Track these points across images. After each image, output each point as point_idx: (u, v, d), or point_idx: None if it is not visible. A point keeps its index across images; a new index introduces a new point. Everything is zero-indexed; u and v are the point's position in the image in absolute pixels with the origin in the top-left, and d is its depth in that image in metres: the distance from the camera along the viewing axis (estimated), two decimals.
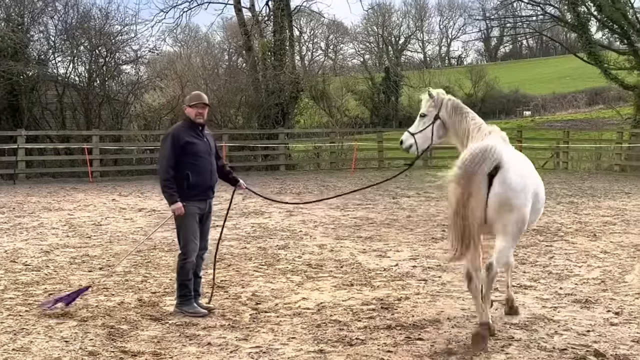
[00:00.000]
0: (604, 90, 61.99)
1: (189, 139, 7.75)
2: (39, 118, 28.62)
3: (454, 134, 7.83)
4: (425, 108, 7.84)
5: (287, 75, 32.89)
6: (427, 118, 7.82)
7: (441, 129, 7.84)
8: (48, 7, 29.82)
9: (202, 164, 7.80)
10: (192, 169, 7.71)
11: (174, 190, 7.67)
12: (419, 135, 7.86)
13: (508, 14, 48.38)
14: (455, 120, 7.74)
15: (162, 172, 7.74)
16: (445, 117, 7.78)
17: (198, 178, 7.76)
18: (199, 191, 7.82)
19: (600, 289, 8.85)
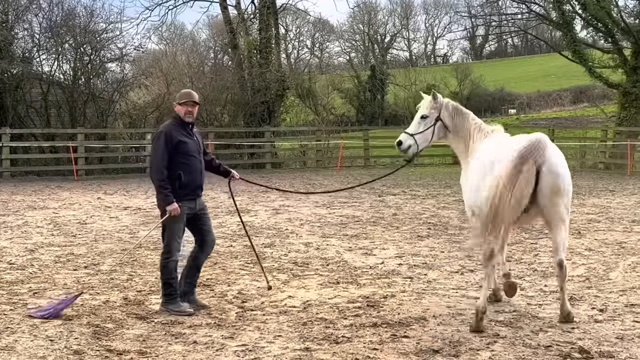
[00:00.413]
0: (588, 88, 62.32)
1: (181, 138, 7.73)
2: (24, 116, 28.47)
3: (455, 134, 8.13)
4: (427, 110, 8.07)
5: (273, 74, 32.87)
6: (428, 119, 8.05)
7: (442, 130, 8.13)
8: (33, 5, 29.67)
9: (193, 163, 7.79)
10: (183, 169, 7.69)
11: (170, 190, 7.63)
12: (419, 136, 8.07)
13: (493, 12, 48.43)
14: (457, 122, 8.08)
15: (156, 172, 7.67)
16: (446, 119, 8.05)
17: (189, 177, 7.75)
18: (190, 190, 7.80)
19: (585, 286, 8.90)
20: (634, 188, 21.05)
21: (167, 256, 7.78)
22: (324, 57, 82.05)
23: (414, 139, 8.06)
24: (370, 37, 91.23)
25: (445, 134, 8.14)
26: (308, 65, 68.84)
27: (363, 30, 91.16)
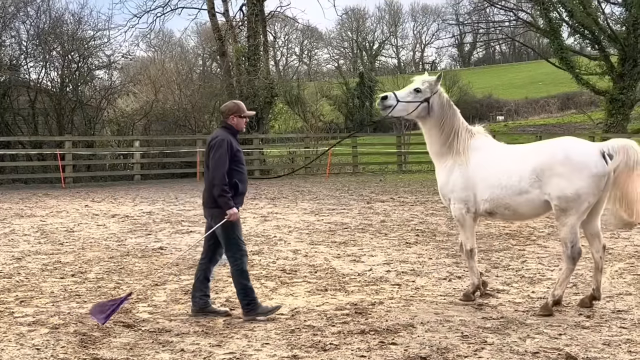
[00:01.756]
0: (575, 95, 62.67)
1: (238, 147, 7.94)
2: (11, 124, 28.34)
3: (437, 124, 8.45)
4: (423, 86, 8.37)
5: (262, 81, 32.89)
6: (419, 95, 8.36)
7: (424, 111, 8.43)
8: (20, 12, 29.59)
9: (245, 172, 8.02)
10: (239, 177, 7.87)
11: (230, 195, 7.74)
12: (403, 103, 8.38)
13: (481, 19, 48.69)
14: (447, 114, 8.42)
15: (220, 177, 7.69)
16: (435, 105, 8.38)
17: (243, 186, 7.94)
18: (241, 199, 8.04)
19: (572, 292, 8.92)
20: None
21: (239, 260, 7.83)
22: (312, 64, 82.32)
23: (398, 102, 8.36)
24: (359, 44, 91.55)
25: (425, 116, 8.44)
26: (296, 72, 68.98)
27: (351, 37, 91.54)
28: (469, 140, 8.36)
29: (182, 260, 11.14)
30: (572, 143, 8.01)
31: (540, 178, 7.85)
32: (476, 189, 8.25)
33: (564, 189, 7.71)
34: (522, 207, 8.06)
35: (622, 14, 32.28)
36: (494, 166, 8.19)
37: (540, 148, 8.15)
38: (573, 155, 7.77)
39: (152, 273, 10.24)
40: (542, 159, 7.88)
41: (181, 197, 21.08)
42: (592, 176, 7.70)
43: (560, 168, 7.74)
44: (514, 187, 7.97)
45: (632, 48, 30.54)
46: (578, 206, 7.76)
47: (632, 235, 13.45)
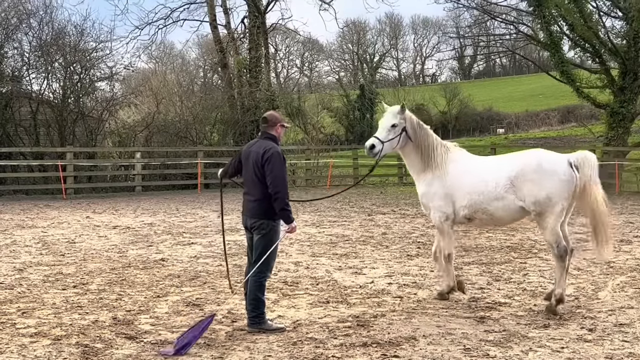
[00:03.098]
0: (576, 108, 62.73)
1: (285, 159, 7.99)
2: (13, 135, 28.37)
3: (416, 146, 9.07)
4: (397, 119, 8.92)
5: (263, 92, 32.94)
6: (397, 128, 8.94)
7: (405, 140, 9.01)
8: (23, 24, 29.66)
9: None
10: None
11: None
12: (387, 143, 8.94)
13: (481, 32, 48.83)
14: (422, 135, 9.02)
15: (285, 190, 7.72)
16: (410, 131, 8.98)
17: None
18: None
19: (574, 305, 8.92)
20: (622, 207, 21.14)
21: (265, 275, 7.86)
22: (313, 76, 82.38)
23: (383, 145, 8.92)
24: (360, 56, 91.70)
25: (406, 143, 9.03)
26: (297, 84, 69.04)
27: (352, 49, 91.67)
28: (445, 154, 9.05)
29: (183, 272, 11.15)
30: (543, 153, 8.90)
31: (514, 184, 8.59)
32: (455, 197, 8.92)
33: (537, 193, 8.48)
34: (499, 211, 8.76)
35: (623, 28, 32.30)
36: (471, 175, 8.91)
37: (513, 158, 8.96)
38: (544, 163, 8.62)
39: (153, 284, 10.24)
40: (515, 168, 8.65)
41: (182, 208, 21.08)
42: (561, 181, 8.52)
43: (532, 175, 8.54)
44: (490, 193, 8.68)
45: (632, 61, 30.56)
46: (552, 208, 8.51)
47: (633, 248, 13.46)
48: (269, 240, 7.81)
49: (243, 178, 8.09)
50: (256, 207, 7.82)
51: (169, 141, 31.46)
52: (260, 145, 7.92)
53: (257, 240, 7.83)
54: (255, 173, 7.82)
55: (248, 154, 7.97)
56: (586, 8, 31.72)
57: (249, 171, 7.90)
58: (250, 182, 7.89)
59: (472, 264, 11.97)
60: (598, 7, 33.23)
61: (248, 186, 7.94)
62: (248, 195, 7.93)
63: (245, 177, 8.01)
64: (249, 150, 8.00)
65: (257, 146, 7.96)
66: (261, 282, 7.82)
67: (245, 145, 8.40)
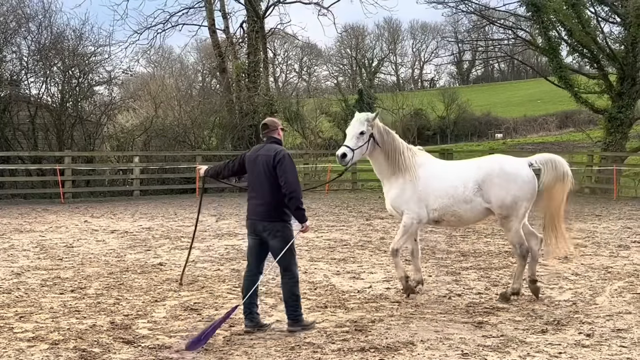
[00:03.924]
0: (574, 113, 62.77)
1: None
2: (11, 139, 28.33)
3: (384, 151, 9.46)
4: (365, 127, 9.27)
5: (261, 97, 32.93)
6: (365, 135, 9.26)
7: (372, 146, 9.39)
8: (21, 28, 29.63)
9: None
10: None
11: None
12: (358, 150, 9.29)
13: (480, 37, 48.83)
14: (388, 140, 9.42)
15: (299, 190, 7.88)
16: (377, 137, 9.35)
17: None
18: None
19: (572, 310, 8.93)
20: (620, 213, 21.16)
21: (296, 273, 8.05)
22: (311, 81, 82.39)
23: (354, 152, 9.26)
24: (358, 61, 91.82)
25: (374, 149, 9.42)
26: (296, 88, 68.99)
27: (351, 54, 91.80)
28: (413, 158, 9.52)
29: (184, 276, 11.13)
30: (504, 158, 9.61)
31: (481, 188, 9.24)
32: (428, 200, 9.42)
33: (504, 197, 9.17)
34: (467, 213, 9.38)
35: (621, 33, 32.35)
36: (441, 179, 9.45)
37: (478, 163, 9.56)
38: (507, 168, 9.29)
39: (151, 289, 10.23)
40: (482, 172, 9.29)
41: (180, 213, 21.07)
42: (524, 183, 9.23)
43: (497, 179, 9.19)
44: (460, 196, 9.27)
45: (630, 67, 30.62)
46: (517, 211, 9.24)
47: (631, 254, 13.48)
48: (285, 241, 7.90)
49: (249, 183, 8.12)
50: (266, 210, 7.89)
51: (168, 145, 31.44)
52: (269, 149, 7.98)
53: (272, 243, 7.91)
54: (265, 176, 7.87)
55: (255, 158, 8.01)
56: (584, 13, 31.79)
57: (258, 175, 7.95)
58: (259, 185, 7.94)
59: (470, 268, 11.97)
60: (596, 13, 33.31)
61: (256, 190, 7.99)
62: (256, 199, 7.97)
63: (253, 182, 8.04)
64: (255, 155, 8.04)
65: (265, 150, 8.02)
66: (297, 279, 8.02)
67: (250, 150, 8.40)
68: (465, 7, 37.92)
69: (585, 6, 32.23)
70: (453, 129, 77.28)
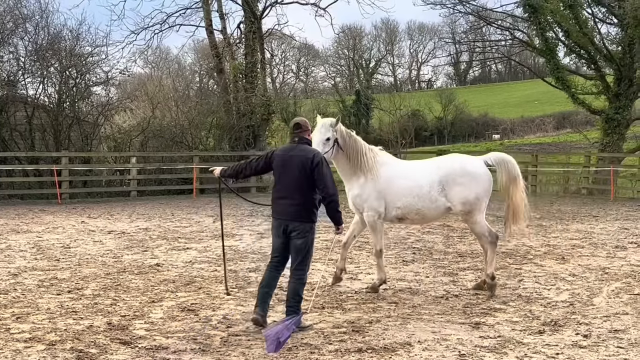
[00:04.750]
0: (571, 114, 62.84)
1: None
2: (8, 139, 28.29)
3: (346, 154, 9.75)
4: (330, 133, 9.51)
5: (259, 98, 32.90)
6: (331, 141, 9.52)
7: (336, 151, 9.68)
8: (18, 28, 29.56)
9: None
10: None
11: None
12: (325, 156, 9.16)
13: (477, 38, 48.88)
14: (350, 143, 9.70)
15: (337, 193, 8.11)
16: (341, 141, 9.64)
17: None
18: None
19: (569, 311, 8.94)
20: (617, 214, 21.18)
21: (307, 275, 8.16)
22: (309, 82, 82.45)
23: None
24: (355, 62, 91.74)
25: (338, 152, 9.69)
26: (293, 89, 69.12)
27: (348, 55, 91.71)
28: (374, 158, 9.84)
29: (179, 277, 11.13)
30: (464, 158, 10.20)
31: (445, 187, 9.72)
32: (388, 198, 9.77)
33: (467, 195, 9.69)
34: (431, 212, 9.85)
35: (618, 34, 32.37)
36: (405, 179, 9.85)
37: (441, 163, 10.05)
38: (468, 167, 9.84)
39: (148, 290, 10.22)
40: (445, 172, 9.77)
41: (177, 213, 21.06)
42: (484, 181, 9.83)
43: (460, 178, 9.71)
44: (426, 195, 9.71)
45: (627, 68, 30.66)
46: (479, 206, 9.81)
47: (628, 255, 13.49)
48: (310, 242, 8.05)
49: (280, 183, 8.13)
50: (298, 210, 7.95)
51: (165, 146, 31.39)
52: (305, 150, 8.06)
53: (299, 243, 7.96)
54: (301, 177, 7.93)
55: (288, 159, 8.04)
56: (582, 15, 31.84)
57: (292, 176, 7.99)
58: (293, 186, 7.97)
59: (467, 269, 11.97)
60: (593, 14, 33.35)
61: (289, 190, 8.00)
62: (287, 199, 8.00)
63: (285, 182, 8.05)
64: (289, 155, 8.07)
65: (299, 151, 8.06)
66: (305, 281, 8.12)
67: (278, 149, 8.40)
68: (462, 8, 37.95)
69: (583, 7, 32.28)
70: (450, 130, 77.31)
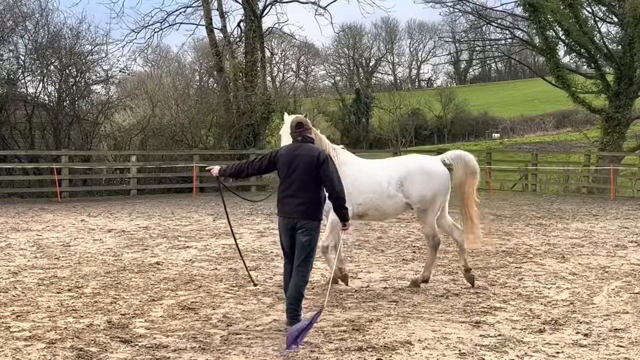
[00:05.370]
0: (571, 113, 62.87)
1: None
2: (8, 138, 28.28)
3: None
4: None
5: (259, 96, 32.90)
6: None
7: None
8: (18, 27, 29.55)
9: None
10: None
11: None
12: None
13: (477, 37, 48.87)
14: (317, 141, 9.38)
15: (344, 191, 8.09)
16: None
17: None
18: None
19: (569, 310, 8.93)
20: (617, 212, 21.18)
21: (309, 274, 8.19)
22: (309, 80, 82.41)
23: None
24: (355, 60, 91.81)
25: None
26: (293, 88, 69.02)
27: (348, 54, 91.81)
28: (337, 157, 9.93)
29: (178, 276, 11.13)
30: (422, 157, 10.66)
31: (403, 184, 10.06)
32: (351, 196, 9.68)
33: (424, 193, 10.03)
34: (389, 208, 10.18)
35: (618, 33, 32.38)
36: (366, 176, 10.18)
37: (400, 161, 10.49)
38: (425, 166, 10.20)
39: (148, 288, 10.22)
40: (403, 170, 10.13)
41: (177, 212, 21.06)
42: (441, 179, 10.14)
43: (418, 177, 10.07)
44: (384, 192, 10.03)
45: (627, 67, 30.66)
46: (434, 205, 10.12)
47: (628, 253, 13.49)
48: (316, 240, 8.08)
49: (286, 182, 8.12)
50: (306, 209, 7.96)
51: (165, 144, 31.39)
52: (310, 149, 8.10)
53: (304, 240, 7.96)
54: (308, 176, 7.95)
55: (294, 158, 8.04)
56: (582, 13, 31.85)
57: (298, 174, 7.99)
58: (300, 185, 7.98)
59: None
60: (593, 13, 33.35)
61: (296, 189, 8.00)
62: (294, 197, 7.99)
63: (292, 181, 8.03)
64: (294, 154, 8.07)
65: (305, 150, 8.09)
66: (307, 280, 8.16)
67: (282, 149, 8.40)
68: (462, 6, 37.95)
69: (583, 6, 32.29)
70: (450, 129, 77.35)
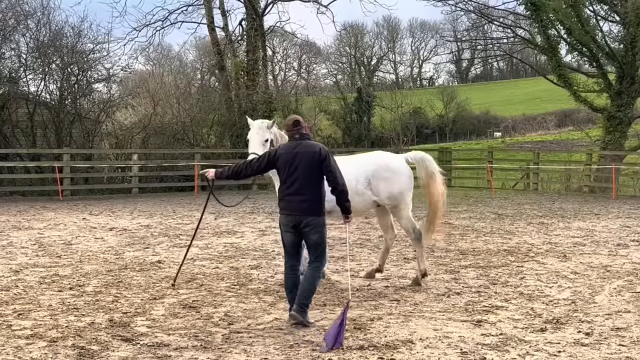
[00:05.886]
0: (573, 112, 62.81)
1: None
2: (9, 136, 28.30)
3: None
4: (268, 134, 9.91)
5: (260, 95, 32.90)
6: (268, 142, 9.87)
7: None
8: (20, 25, 29.58)
9: None
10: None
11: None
12: None
13: (479, 36, 48.87)
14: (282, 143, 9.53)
15: (346, 185, 8.23)
16: (274, 142, 9.98)
17: None
18: None
19: (571, 309, 8.92)
20: (619, 211, 21.16)
21: (323, 267, 8.28)
22: (310, 79, 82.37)
23: None
24: (357, 59, 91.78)
25: None
26: (295, 86, 69.00)
27: (350, 52, 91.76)
28: None
29: (180, 274, 11.12)
30: (387, 155, 10.86)
31: (371, 182, 10.24)
32: None
33: (391, 189, 10.28)
34: (358, 205, 10.09)
35: (620, 32, 32.33)
36: None
37: (367, 159, 10.65)
38: (391, 164, 10.44)
39: (150, 287, 10.22)
40: (371, 168, 10.31)
41: (179, 210, 21.06)
42: (406, 177, 10.45)
43: (385, 174, 10.29)
44: (352, 189, 9.65)
45: (629, 66, 30.62)
46: (404, 200, 10.38)
47: (630, 252, 13.48)
48: (324, 235, 8.15)
49: (288, 180, 8.17)
50: (310, 205, 8.04)
51: (166, 143, 31.40)
52: (309, 146, 8.18)
53: (315, 238, 8.04)
54: (310, 172, 8.04)
55: (294, 155, 8.11)
56: (583, 12, 31.79)
57: (301, 172, 8.06)
58: (303, 182, 8.04)
59: (469, 267, 11.97)
60: (595, 12, 33.32)
61: (298, 186, 8.06)
62: (297, 195, 8.06)
63: (295, 179, 8.09)
64: (294, 152, 8.13)
65: (304, 147, 8.16)
66: (319, 273, 8.20)
67: (280, 148, 8.48)
68: (464, 5, 37.91)
69: (585, 5, 32.22)
70: (452, 128, 77.32)
